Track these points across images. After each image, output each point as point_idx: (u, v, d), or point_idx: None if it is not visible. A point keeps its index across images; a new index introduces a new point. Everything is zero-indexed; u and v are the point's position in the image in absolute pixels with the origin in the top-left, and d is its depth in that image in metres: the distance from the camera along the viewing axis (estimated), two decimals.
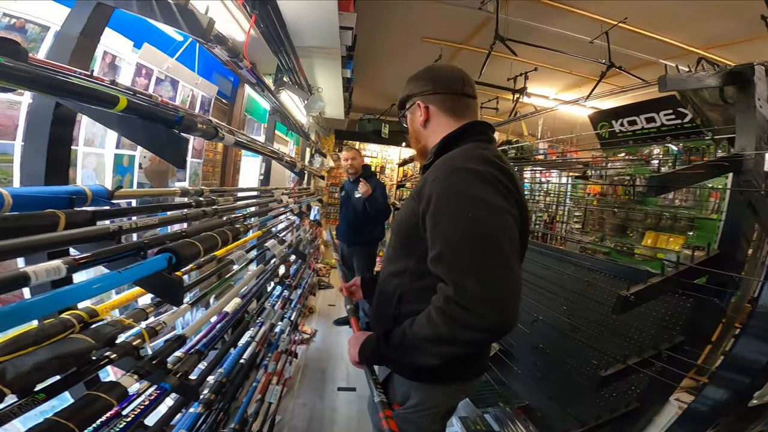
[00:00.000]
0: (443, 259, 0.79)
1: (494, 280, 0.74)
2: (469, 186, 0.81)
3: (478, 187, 0.81)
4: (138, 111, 0.70)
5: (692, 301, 1.59)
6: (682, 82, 1.46)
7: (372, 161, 7.67)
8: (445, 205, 0.82)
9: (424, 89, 1.05)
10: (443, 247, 0.79)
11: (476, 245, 0.76)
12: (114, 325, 0.76)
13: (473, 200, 0.80)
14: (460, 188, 0.82)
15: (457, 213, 0.80)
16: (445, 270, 0.78)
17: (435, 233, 0.82)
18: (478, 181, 0.82)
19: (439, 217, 0.83)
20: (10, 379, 0.52)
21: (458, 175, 0.84)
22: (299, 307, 3.00)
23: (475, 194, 0.80)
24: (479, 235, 0.76)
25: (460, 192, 0.82)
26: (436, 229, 0.82)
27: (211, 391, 1.31)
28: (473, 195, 0.80)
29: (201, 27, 1.05)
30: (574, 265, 2.28)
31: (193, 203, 1.17)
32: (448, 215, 0.81)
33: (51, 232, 0.58)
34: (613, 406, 1.76)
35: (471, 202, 0.79)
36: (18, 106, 1.01)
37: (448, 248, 0.79)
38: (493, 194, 0.81)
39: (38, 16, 1.04)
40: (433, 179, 0.87)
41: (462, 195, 0.81)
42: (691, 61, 1.66)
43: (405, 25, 3.76)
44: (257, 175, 2.94)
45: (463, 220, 0.78)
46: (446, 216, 0.81)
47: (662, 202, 3.08)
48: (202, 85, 1.88)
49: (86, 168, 1.22)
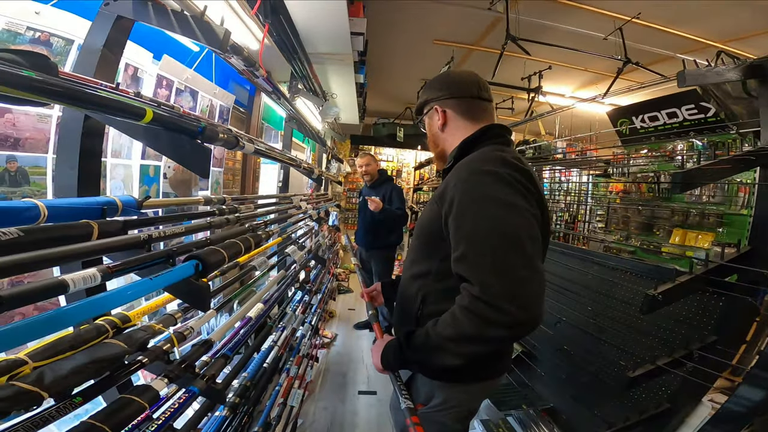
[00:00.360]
0: (467, 258, 0.80)
1: (519, 277, 0.75)
2: (490, 188, 0.83)
3: (499, 188, 0.82)
4: (163, 122, 0.72)
5: (724, 299, 1.54)
6: (702, 76, 1.43)
7: (388, 165, 7.67)
8: (467, 207, 0.84)
9: (441, 94, 1.08)
10: (467, 247, 0.81)
11: (500, 244, 0.77)
12: (145, 330, 0.78)
13: (495, 201, 0.81)
14: (481, 190, 0.83)
15: (479, 214, 0.81)
16: (469, 269, 0.79)
17: (458, 234, 0.84)
18: (499, 183, 0.83)
19: (461, 219, 0.84)
20: (48, 383, 0.54)
21: (479, 177, 0.85)
22: (320, 311, 3.02)
23: (496, 195, 0.82)
24: (502, 235, 0.78)
25: (481, 194, 0.83)
26: (460, 231, 0.84)
27: (236, 394, 1.33)
28: (494, 196, 0.82)
29: (218, 38, 1.08)
30: (598, 265, 2.22)
31: (216, 211, 1.20)
32: (470, 216, 0.82)
33: (86, 242, 0.60)
34: (643, 408, 1.72)
35: (492, 203, 0.81)
36: (48, 119, 1.05)
37: (472, 248, 0.80)
38: (513, 195, 0.82)
39: (61, 29, 1.07)
40: (454, 183, 0.89)
41: (483, 196, 0.83)
42: (710, 54, 1.61)
43: (416, 28, 3.76)
44: (276, 182, 2.99)
45: (485, 220, 0.80)
46: (469, 217, 0.83)
47: (689, 198, 2.98)
48: (219, 94, 1.93)
49: (115, 179, 1.27)
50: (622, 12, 3.16)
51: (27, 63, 0.58)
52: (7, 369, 0.50)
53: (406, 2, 3.22)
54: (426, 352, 0.87)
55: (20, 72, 0.47)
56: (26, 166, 1.00)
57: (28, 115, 1.00)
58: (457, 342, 0.81)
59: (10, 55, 0.59)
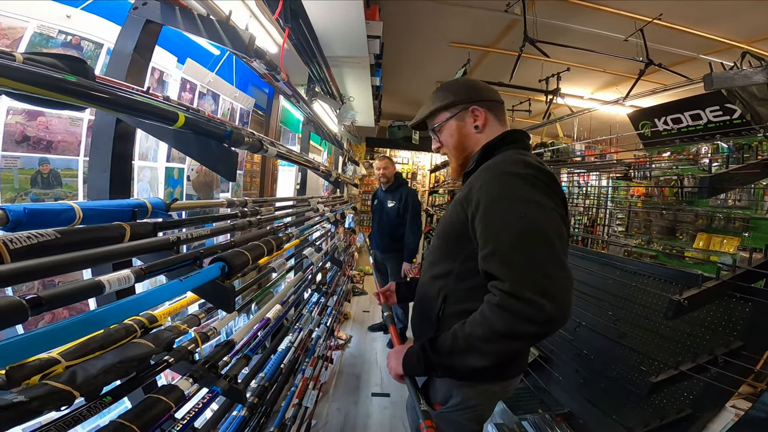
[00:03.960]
0: (497, 255, 0.81)
1: (549, 273, 0.76)
2: (516, 188, 0.84)
3: (525, 188, 0.84)
4: (193, 126, 0.73)
5: (750, 304, 1.52)
6: (729, 79, 1.41)
7: (403, 168, 7.68)
8: (494, 206, 0.85)
9: (472, 96, 1.07)
10: (496, 245, 0.81)
11: (529, 241, 0.78)
12: (171, 331, 0.80)
13: (522, 200, 0.83)
14: (508, 190, 0.85)
15: (507, 212, 0.83)
16: (499, 266, 0.80)
17: (486, 233, 0.84)
18: (525, 183, 0.85)
19: (489, 218, 0.85)
20: (80, 382, 0.54)
21: (504, 178, 0.87)
22: (335, 313, 3.03)
23: (522, 195, 0.83)
24: (531, 232, 0.79)
25: (508, 193, 0.85)
26: (488, 229, 0.84)
27: (254, 395, 1.34)
28: (521, 195, 0.83)
29: (243, 42, 1.10)
30: (619, 270, 2.18)
31: (238, 214, 1.21)
32: (498, 215, 0.84)
33: (119, 243, 0.61)
34: (663, 413, 1.71)
35: (520, 202, 0.83)
36: (80, 122, 1.08)
37: (502, 245, 0.81)
38: (539, 194, 0.84)
39: (91, 33, 1.10)
40: (480, 184, 0.89)
41: (510, 196, 0.84)
42: (734, 55, 1.57)
43: (431, 31, 3.75)
44: (293, 184, 3.01)
45: (514, 218, 0.81)
46: (497, 216, 0.84)
47: (713, 201, 2.89)
48: (240, 98, 1.95)
49: (142, 181, 1.29)
50: (643, 13, 3.10)
51: (66, 67, 0.60)
52: (41, 368, 0.51)
53: (421, 5, 3.22)
54: (455, 355, 0.87)
55: (63, 77, 0.48)
56: (59, 169, 1.03)
57: (61, 118, 1.03)
58: (488, 341, 0.80)
59: (50, 59, 0.61)
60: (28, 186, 0.97)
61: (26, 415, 0.44)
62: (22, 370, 0.48)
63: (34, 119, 0.98)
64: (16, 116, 0.95)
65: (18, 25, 0.94)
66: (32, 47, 0.96)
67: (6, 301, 0.40)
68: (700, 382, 1.58)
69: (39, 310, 0.44)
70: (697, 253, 2.81)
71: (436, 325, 1.01)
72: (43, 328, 0.46)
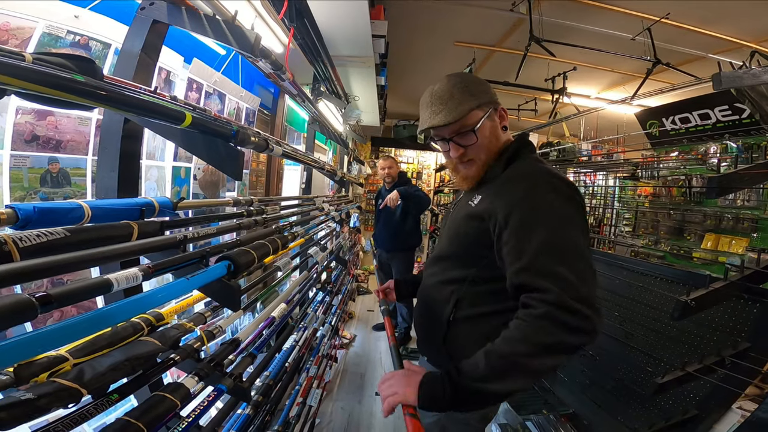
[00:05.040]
0: (534, 268, 0.79)
1: (589, 285, 0.77)
2: (553, 202, 0.85)
3: (559, 203, 0.85)
4: (200, 126, 0.74)
5: (758, 306, 1.51)
6: (738, 79, 1.40)
7: (408, 167, 7.66)
8: (531, 221, 0.84)
9: (490, 96, 1.03)
10: (533, 258, 0.80)
11: (569, 254, 0.79)
12: (178, 329, 0.80)
13: (558, 215, 0.84)
14: (544, 205, 0.85)
15: (546, 226, 0.82)
16: (541, 278, 0.77)
17: (523, 246, 0.82)
18: (558, 198, 0.86)
19: (526, 231, 0.83)
20: (87, 380, 0.55)
21: (539, 192, 0.87)
22: (339, 312, 3.04)
23: (557, 209, 0.85)
24: (569, 245, 0.81)
25: (544, 208, 0.85)
26: (524, 242, 0.82)
27: (259, 393, 1.35)
28: (557, 210, 0.84)
29: (249, 42, 1.10)
30: (626, 270, 2.17)
31: (244, 213, 1.22)
32: (536, 229, 0.82)
33: (127, 242, 0.62)
34: (669, 414, 1.70)
35: (556, 216, 0.84)
36: (88, 122, 1.09)
37: (541, 258, 0.79)
38: (572, 209, 0.86)
39: (99, 32, 1.11)
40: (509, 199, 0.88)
41: (547, 210, 0.84)
42: (743, 54, 1.56)
43: (436, 30, 3.73)
44: (298, 183, 3.02)
45: (551, 231, 0.81)
46: (535, 230, 0.82)
47: (722, 202, 2.86)
48: (246, 97, 1.96)
49: (149, 180, 1.30)
50: (650, 12, 3.06)
51: (75, 67, 0.60)
52: (49, 365, 0.51)
53: (426, 4, 3.21)
54: (492, 380, 0.76)
55: (72, 76, 0.49)
56: (68, 168, 1.04)
57: (70, 117, 1.04)
58: (534, 356, 0.74)
59: (59, 59, 0.61)
60: (37, 185, 0.98)
61: (34, 413, 0.45)
62: (31, 367, 0.48)
63: (43, 119, 0.99)
64: (26, 116, 0.96)
65: (27, 26, 0.95)
66: (41, 47, 0.97)
67: (15, 299, 0.41)
68: (706, 384, 1.57)
69: (48, 307, 0.45)
70: (705, 254, 2.78)
71: (446, 328, 1.00)
72: (52, 326, 0.46)
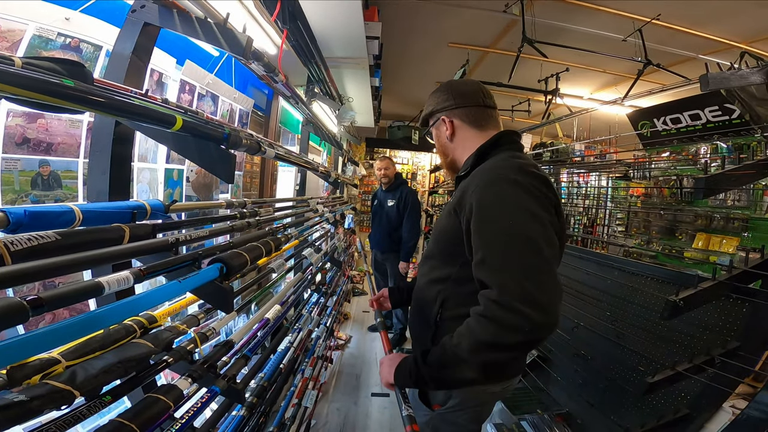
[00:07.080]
0: (486, 263, 0.80)
1: (536, 281, 0.75)
2: (509, 195, 0.84)
3: (517, 195, 0.84)
4: (191, 129, 0.74)
5: (748, 305, 1.52)
6: (725, 80, 1.41)
7: (403, 168, 7.68)
8: (486, 213, 0.84)
9: (447, 104, 1.09)
10: (486, 252, 0.81)
11: (518, 249, 0.78)
12: (171, 331, 0.80)
13: (513, 207, 0.82)
14: (500, 197, 0.85)
15: (498, 220, 0.82)
16: (488, 273, 0.79)
17: (478, 240, 0.84)
18: (517, 190, 0.84)
19: (481, 225, 0.84)
20: (80, 382, 0.55)
21: (497, 185, 0.86)
22: (335, 313, 3.04)
23: (514, 202, 0.83)
24: (521, 240, 0.78)
25: (500, 200, 0.84)
26: (479, 236, 0.84)
27: (254, 394, 1.35)
28: (513, 202, 0.83)
29: (241, 45, 1.10)
30: (618, 270, 2.19)
31: (237, 215, 1.22)
32: (489, 222, 0.83)
33: (118, 245, 0.62)
34: (661, 413, 1.72)
35: (511, 209, 0.82)
36: (79, 124, 1.08)
37: (491, 253, 0.80)
38: (531, 201, 0.83)
39: (90, 35, 1.10)
40: (472, 190, 0.89)
41: (502, 203, 0.84)
42: (733, 55, 1.58)
43: (430, 31, 3.75)
44: (293, 184, 3.02)
45: (504, 226, 0.81)
46: (488, 223, 0.83)
47: (713, 201, 2.90)
48: (239, 99, 1.96)
49: (141, 182, 1.30)
50: (641, 13, 3.10)
51: (65, 71, 0.60)
52: (41, 368, 0.52)
53: (420, 6, 3.22)
54: (445, 368, 0.85)
55: (61, 81, 0.49)
56: (59, 171, 1.03)
57: (60, 120, 1.03)
58: (474, 352, 0.79)
59: (49, 63, 0.62)
60: (28, 188, 0.98)
61: (27, 415, 0.45)
62: (23, 369, 0.49)
63: (34, 121, 0.99)
64: (16, 118, 0.95)
65: (17, 28, 0.95)
66: (32, 49, 0.97)
67: (7, 302, 0.41)
68: (697, 383, 1.59)
69: (40, 310, 0.45)
70: (696, 253, 2.81)
71: (434, 328, 1.02)
72: (44, 329, 0.47)
